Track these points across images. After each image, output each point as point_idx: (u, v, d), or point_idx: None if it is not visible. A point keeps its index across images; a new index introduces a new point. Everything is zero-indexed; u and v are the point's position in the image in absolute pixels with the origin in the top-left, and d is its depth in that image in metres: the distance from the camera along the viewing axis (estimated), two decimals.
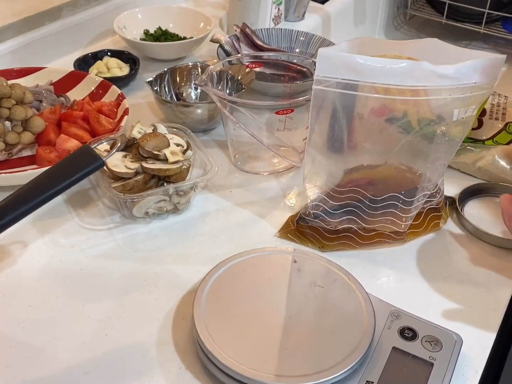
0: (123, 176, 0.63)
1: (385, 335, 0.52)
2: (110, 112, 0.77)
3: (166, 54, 0.99)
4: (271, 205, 0.71)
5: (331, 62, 0.56)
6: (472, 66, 0.57)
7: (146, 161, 0.63)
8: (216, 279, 0.55)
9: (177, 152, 0.64)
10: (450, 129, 0.63)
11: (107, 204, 0.69)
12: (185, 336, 0.54)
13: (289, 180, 0.76)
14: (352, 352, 0.49)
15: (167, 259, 0.62)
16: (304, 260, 0.59)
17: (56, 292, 0.58)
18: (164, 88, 0.83)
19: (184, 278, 0.60)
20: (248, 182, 0.75)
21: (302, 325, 0.52)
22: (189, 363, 0.52)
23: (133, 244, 0.64)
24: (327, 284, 0.56)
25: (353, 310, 0.53)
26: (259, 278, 0.56)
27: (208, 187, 0.73)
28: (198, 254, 0.63)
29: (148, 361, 0.52)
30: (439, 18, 1.49)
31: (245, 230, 0.67)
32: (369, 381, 0.48)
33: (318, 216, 0.65)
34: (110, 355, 0.53)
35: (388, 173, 0.66)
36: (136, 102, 0.89)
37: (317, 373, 0.47)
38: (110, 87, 0.82)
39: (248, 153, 0.78)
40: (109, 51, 0.97)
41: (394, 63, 0.56)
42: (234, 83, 0.78)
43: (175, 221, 0.68)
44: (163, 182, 0.65)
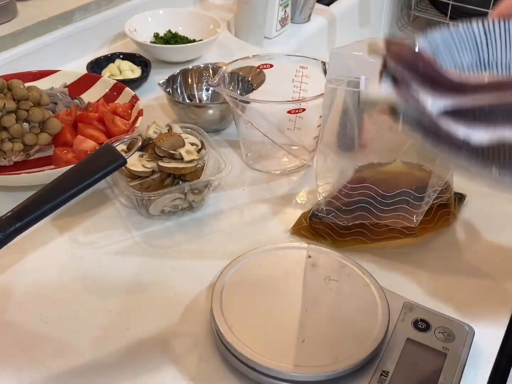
0: (141, 175, 0.64)
1: (399, 327, 0.54)
2: (125, 113, 0.79)
3: (176, 56, 1.01)
4: (283, 202, 0.73)
5: (343, 61, 0.57)
6: None
7: (162, 160, 0.65)
8: (233, 273, 0.57)
9: (192, 151, 0.66)
10: None
11: (123, 203, 0.71)
12: (204, 329, 0.55)
13: (300, 178, 0.78)
14: (367, 343, 0.50)
15: (183, 255, 0.64)
16: (318, 255, 0.60)
17: (77, 288, 0.60)
18: (176, 90, 0.85)
19: (200, 273, 0.61)
20: (260, 180, 0.77)
21: (318, 318, 0.53)
22: (209, 355, 0.53)
23: (150, 241, 0.66)
24: (342, 278, 0.57)
25: (368, 303, 0.54)
26: (274, 272, 0.58)
27: (221, 185, 0.75)
28: (213, 250, 0.65)
29: (169, 354, 0.53)
30: (442, 19, 1.51)
31: (259, 227, 0.69)
32: (384, 371, 0.50)
33: (331, 213, 0.67)
34: (131, 348, 0.54)
35: (398, 170, 0.68)
36: (149, 103, 0.90)
37: (334, 363, 0.49)
38: (123, 89, 0.84)
39: (259, 152, 0.80)
40: (121, 54, 0.99)
41: None
42: (245, 84, 0.80)
43: (190, 219, 0.69)
44: (178, 180, 0.66)
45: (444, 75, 0.39)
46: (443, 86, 0.39)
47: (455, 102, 0.39)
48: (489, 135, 0.38)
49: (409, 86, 0.38)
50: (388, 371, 0.50)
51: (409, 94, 0.38)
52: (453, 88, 0.39)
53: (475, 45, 0.43)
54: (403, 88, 0.38)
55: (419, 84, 0.39)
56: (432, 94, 0.38)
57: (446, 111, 0.38)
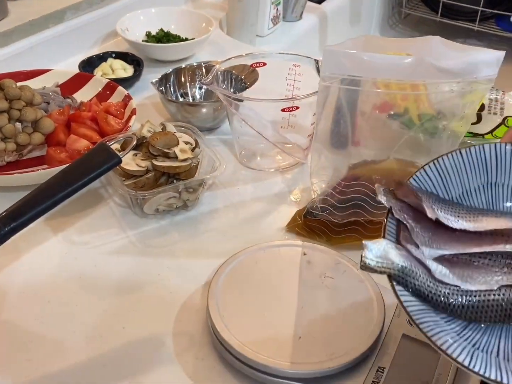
0: (135, 174, 0.64)
1: (395, 323, 0.54)
2: (118, 112, 0.79)
3: (169, 55, 1.01)
4: (278, 200, 0.73)
5: (337, 59, 0.57)
6: (473, 62, 0.59)
7: (157, 159, 0.64)
8: (229, 271, 0.57)
9: (186, 150, 0.66)
10: (452, 123, 0.65)
11: (117, 202, 0.70)
12: (200, 327, 0.55)
13: (294, 176, 0.78)
14: (363, 339, 0.51)
15: (179, 254, 0.64)
16: (313, 252, 0.60)
17: (73, 288, 0.60)
18: (169, 88, 0.84)
19: (196, 272, 0.61)
20: (254, 178, 0.77)
21: (314, 315, 0.53)
22: (205, 353, 0.53)
23: (145, 240, 0.66)
24: (337, 275, 0.57)
25: (363, 299, 0.55)
26: (270, 270, 0.58)
27: (216, 184, 0.75)
28: (209, 249, 0.65)
29: (165, 353, 0.53)
30: (433, 17, 1.51)
31: (254, 225, 0.69)
32: (380, 366, 0.50)
33: (325, 210, 0.67)
34: (127, 347, 0.54)
35: (391, 168, 0.68)
36: (142, 102, 0.90)
37: (330, 359, 0.49)
38: (116, 88, 0.84)
39: (253, 151, 0.80)
40: (113, 52, 0.99)
41: (399, 59, 0.58)
42: (238, 82, 0.80)
43: (185, 218, 0.69)
44: (173, 179, 0.66)
45: (445, 223, 0.41)
46: (443, 234, 0.42)
47: (452, 251, 0.41)
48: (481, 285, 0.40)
49: (411, 233, 0.41)
50: (384, 367, 0.50)
51: (410, 246, 0.40)
52: (452, 236, 0.42)
53: (485, 168, 0.45)
54: (405, 238, 0.41)
55: (420, 231, 0.41)
56: (431, 242, 0.41)
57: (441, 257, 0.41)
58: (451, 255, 0.41)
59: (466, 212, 0.42)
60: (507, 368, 0.36)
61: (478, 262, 0.42)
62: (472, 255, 0.42)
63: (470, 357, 0.36)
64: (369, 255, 0.38)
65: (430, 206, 0.41)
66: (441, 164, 0.44)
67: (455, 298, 0.39)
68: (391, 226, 0.41)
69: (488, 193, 0.45)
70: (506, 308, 0.39)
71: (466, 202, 0.44)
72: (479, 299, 0.39)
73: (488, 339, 0.39)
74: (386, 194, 0.42)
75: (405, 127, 0.67)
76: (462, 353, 0.36)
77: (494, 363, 0.36)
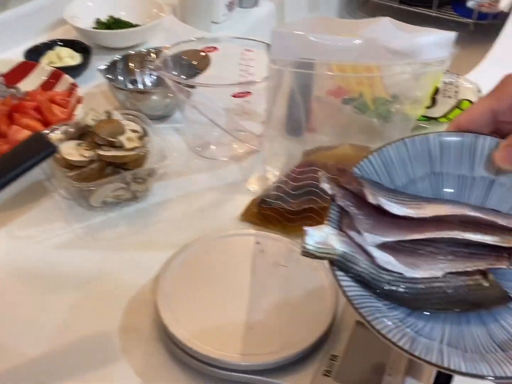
0: (78, 165, 0.61)
1: (348, 310, 0.53)
2: (63, 101, 0.76)
3: (120, 42, 0.97)
4: (232, 189, 0.71)
5: (285, 41, 0.56)
6: (423, 42, 0.58)
7: (102, 149, 0.62)
8: (180, 263, 0.55)
9: (133, 138, 0.63)
10: (405, 107, 0.64)
11: (63, 195, 0.67)
12: (149, 322, 0.53)
13: (249, 164, 0.76)
14: (316, 327, 0.49)
15: (128, 247, 0.62)
16: (266, 241, 0.59)
17: (16, 286, 0.57)
18: (117, 76, 0.81)
19: (146, 265, 0.59)
20: (208, 167, 0.75)
21: (266, 304, 0.52)
22: (154, 348, 0.51)
23: (93, 233, 0.63)
24: (290, 263, 0.56)
25: (316, 287, 0.53)
26: (222, 260, 0.56)
27: (168, 174, 0.72)
28: (160, 241, 0.63)
29: (113, 350, 0.51)
30: (392, 3, 1.51)
31: (207, 216, 0.67)
32: (333, 354, 0.49)
33: (280, 198, 0.65)
34: (74, 346, 0.52)
35: (346, 153, 0.67)
36: (90, 91, 0.87)
37: (282, 349, 0.48)
38: (62, 77, 0.81)
39: (206, 139, 0.78)
40: (61, 40, 0.95)
41: (348, 41, 0.56)
42: (190, 68, 0.77)
43: (135, 209, 0.67)
44: (120, 169, 0.64)
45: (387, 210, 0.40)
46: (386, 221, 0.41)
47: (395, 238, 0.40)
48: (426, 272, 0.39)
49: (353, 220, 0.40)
50: (337, 355, 0.49)
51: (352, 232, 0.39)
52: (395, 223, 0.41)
53: (429, 158, 0.44)
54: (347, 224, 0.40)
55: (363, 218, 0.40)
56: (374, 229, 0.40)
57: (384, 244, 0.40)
58: (395, 243, 0.40)
59: (410, 200, 0.42)
60: (450, 353, 0.35)
61: (423, 250, 0.41)
62: (416, 243, 0.41)
63: (411, 342, 0.35)
64: (309, 241, 0.37)
65: (372, 192, 0.40)
66: (385, 154, 0.43)
67: (398, 285, 0.38)
68: (333, 213, 0.40)
69: (432, 182, 0.44)
70: (451, 295, 0.39)
71: (410, 192, 0.43)
72: (423, 286, 0.39)
73: (432, 326, 0.38)
74: (329, 181, 0.41)
75: (359, 112, 0.66)
76: (403, 338, 0.35)
77: (436, 348, 0.35)
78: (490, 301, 0.39)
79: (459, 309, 0.39)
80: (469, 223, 0.41)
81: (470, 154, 0.43)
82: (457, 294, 0.39)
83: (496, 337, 0.38)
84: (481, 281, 0.39)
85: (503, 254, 0.40)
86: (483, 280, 0.39)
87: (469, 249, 0.41)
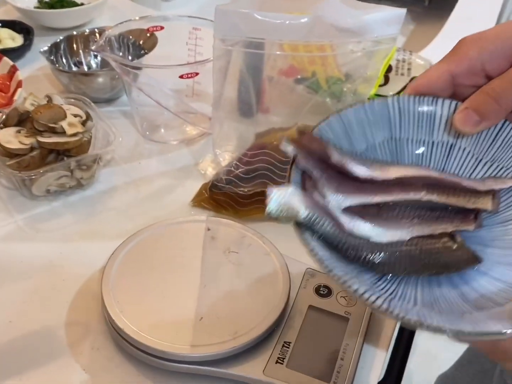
0: (18, 153, 0.58)
1: (301, 294, 0.52)
2: (2, 85, 0.72)
3: (64, 22, 0.93)
4: (183, 174, 0.69)
5: (230, 19, 0.54)
6: (372, 20, 0.57)
7: (42, 135, 0.59)
8: (126, 253, 0.53)
9: (75, 123, 0.60)
10: (356, 86, 0.63)
11: (4, 184, 0.64)
12: (95, 315, 0.51)
13: (201, 147, 0.74)
14: (268, 314, 0.48)
15: (73, 237, 0.59)
16: (217, 227, 0.57)
17: None
18: (61, 58, 0.78)
19: (92, 256, 0.57)
20: (157, 152, 0.72)
21: (217, 293, 0.50)
22: (101, 342, 0.49)
23: (35, 224, 0.60)
24: (242, 249, 0.55)
25: (269, 272, 0.52)
26: (171, 249, 0.54)
27: (115, 159, 0.70)
28: (107, 230, 0.60)
29: (58, 345, 0.49)
30: None
31: (157, 202, 0.65)
32: (286, 341, 0.48)
33: (231, 182, 0.64)
34: (15, 342, 0.50)
35: None
36: (33, 74, 0.83)
37: (233, 339, 0.46)
38: (1, 59, 0.76)
39: (156, 122, 0.75)
40: (0, 21, 0.90)
41: (295, 19, 0.54)
42: (136, 49, 0.74)
43: (80, 198, 0.64)
44: (63, 156, 0.61)
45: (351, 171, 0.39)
46: (350, 184, 0.39)
47: (360, 200, 0.39)
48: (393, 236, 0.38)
49: (316, 183, 0.38)
50: (290, 342, 0.48)
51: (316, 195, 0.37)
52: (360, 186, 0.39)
53: (389, 122, 0.43)
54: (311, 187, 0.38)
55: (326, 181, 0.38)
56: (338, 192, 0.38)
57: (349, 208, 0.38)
58: (359, 207, 0.39)
59: (373, 162, 0.40)
60: (427, 313, 0.34)
61: (387, 214, 0.40)
62: (379, 208, 0.40)
63: (388, 304, 0.33)
64: (273, 203, 0.35)
65: (336, 152, 0.38)
66: (345, 116, 0.42)
67: (366, 250, 0.37)
68: (295, 176, 0.38)
69: (392, 148, 0.43)
70: (419, 259, 0.38)
71: (370, 157, 0.42)
72: (391, 250, 0.38)
73: (403, 290, 0.37)
74: (290, 143, 0.39)
75: (312, 92, 0.65)
76: (378, 299, 0.34)
77: (412, 309, 0.34)
78: (459, 263, 0.38)
79: (429, 272, 0.38)
80: (434, 186, 0.40)
81: (429, 118, 0.42)
82: (426, 257, 0.38)
83: (469, 298, 0.37)
84: (449, 243, 0.38)
85: (469, 216, 0.40)
86: (451, 243, 0.39)
87: (434, 212, 0.40)
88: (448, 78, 0.40)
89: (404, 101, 0.42)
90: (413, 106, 0.42)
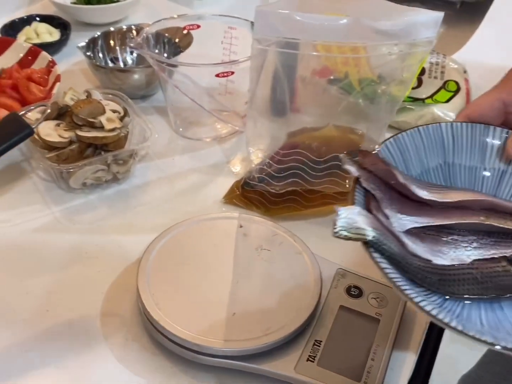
0: (57, 146, 0.60)
1: (332, 294, 0.52)
2: (41, 79, 0.74)
3: (99, 18, 0.94)
4: (215, 171, 0.70)
5: (269, 20, 0.54)
6: (410, 23, 0.56)
7: (81, 129, 0.60)
8: (161, 247, 0.54)
9: (113, 119, 0.62)
10: (391, 88, 0.63)
11: (42, 176, 0.66)
12: (130, 307, 0.52)
13: (233, 145, 0.75)
14: (299, 312, 0.49)
15: (108, 230, 0.60)
16: (249, 224, 0.58)
17: None
18: (97, 53, 0.79)
19: (127, 249, 0.58)
20: (190, 148, 0.73)
21: (249, 289, 0.51)
22: (136, 334, 0.50)
23: (72, 216, 0.62)
24: (274, 247, 0.55)
25: (300, 271, 0.53)
26: (204, 244, 0.55)
27: (149, 155, 0.71)
28: (141, 224, 0.62)
29: (93, 335, 0.50)
30: None
31: (189, 198, 0.66)
32: (317, 340, 0.48)
33: (263, 180, 0.64)
34: (52, 331, 0.51)
35: (331, 135, 0.66)
36: (69, 69, 0.84)
37: (265, 335, 0.47)
38: (39, 54, 0.78)
39: (189, 119, 0.76)
40: (38, 16, 0.92)
41: (334, 20, 0.55)
42: (172, 46, 0.75)
43: (116, 191, 0.65)
44: (100, 151, 0.62)
45: (414, 192, 0.40)
46: (411, 206, 0.40)
47: (423, 222, 0.40)
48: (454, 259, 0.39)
49: (380, 204, 0.39)
50: (321, 340, 0.49)
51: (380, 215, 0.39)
52: (420, 208, 0.40)
53: (442, 148, 0.44)
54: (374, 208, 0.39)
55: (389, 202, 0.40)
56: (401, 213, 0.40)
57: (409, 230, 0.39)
58: (419, 230, 0.40)
59: (432, 186, 0.42)
60: (495, 334, 0.34)
61: (447, 237, 0.41)
62: (439, 231, 0.41)
63: (462, 325, 0.34)
64: (340, 223, 0.35)
65: (401, 174, 0.39)
66: (401, 140, 0.43)
67: (429, 270, 0.38)
68: (359, 195, 0.39)
69: (445, 173, 0.44)
70: (481, 281, 0.39)
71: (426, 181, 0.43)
72: (453, 273, 0.38)
73: (468, 312, 0.38)
74: (353, 163, 0.40)
75: (345, 93, 0.65)
76: (453, 321, 0.34)
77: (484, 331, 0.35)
78: None
79: (491, 294, 0.39)
80: (491, 210, 0.41)
81: (481, 145, 0.43)
82: (487, 281, 0.39)
83: None
84: (508, 267, 0.40)
85: None
86: (509, 266, 0.40)
87: (492, 236, 0.41)
88: (499, 106, 0.41)
89: (458, 127, 0.44)
90: (465, 133, 0.43)
